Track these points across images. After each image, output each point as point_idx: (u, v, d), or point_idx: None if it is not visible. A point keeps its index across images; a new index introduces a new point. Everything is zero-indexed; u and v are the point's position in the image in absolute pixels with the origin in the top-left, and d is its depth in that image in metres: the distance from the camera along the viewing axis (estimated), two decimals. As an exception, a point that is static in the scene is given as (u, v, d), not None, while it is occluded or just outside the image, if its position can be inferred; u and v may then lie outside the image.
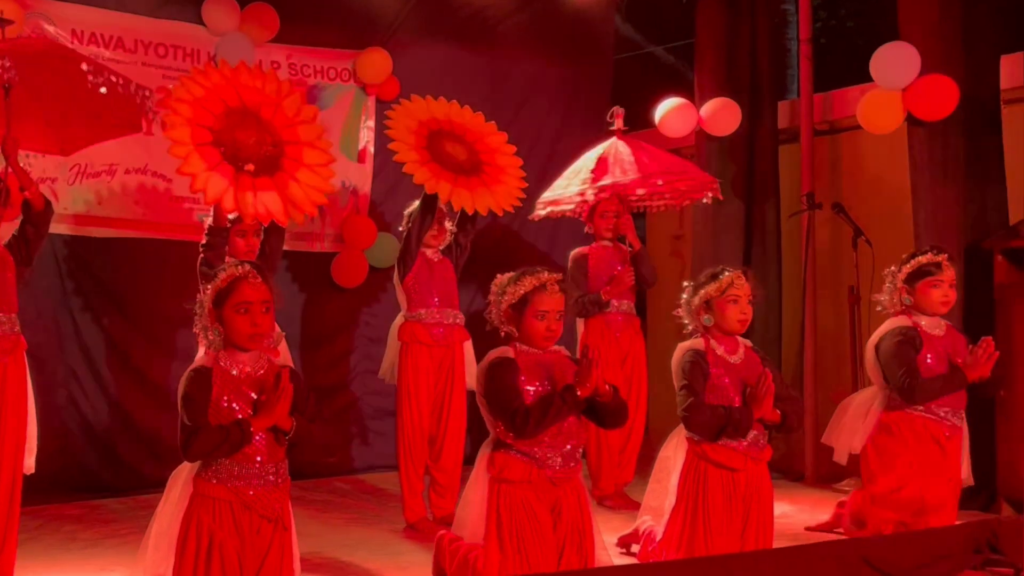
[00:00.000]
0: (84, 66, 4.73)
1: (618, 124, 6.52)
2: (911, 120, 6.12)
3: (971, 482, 5.24)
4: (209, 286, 3.78)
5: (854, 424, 5.20)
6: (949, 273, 5.09)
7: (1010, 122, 6.25)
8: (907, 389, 4.93)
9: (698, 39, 7.63)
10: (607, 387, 4.14)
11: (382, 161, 7.17)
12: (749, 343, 4.76)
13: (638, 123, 7.19)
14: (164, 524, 3.82)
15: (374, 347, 6.60)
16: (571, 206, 6.42)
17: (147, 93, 4.31)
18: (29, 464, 4.76)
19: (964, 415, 5.13)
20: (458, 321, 5.88)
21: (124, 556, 5.17)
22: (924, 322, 5.10)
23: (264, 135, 5.24)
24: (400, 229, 5.91)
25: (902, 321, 5.11)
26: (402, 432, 5.79)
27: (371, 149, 7.47)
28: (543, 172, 7.00)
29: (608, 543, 5.23)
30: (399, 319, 5.94)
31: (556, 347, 4.33)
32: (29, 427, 4.73)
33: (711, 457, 4.54)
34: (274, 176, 5.15)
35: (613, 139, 6.46)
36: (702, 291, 4.64)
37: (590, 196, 6.29)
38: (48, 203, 4.85)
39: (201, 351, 3.96)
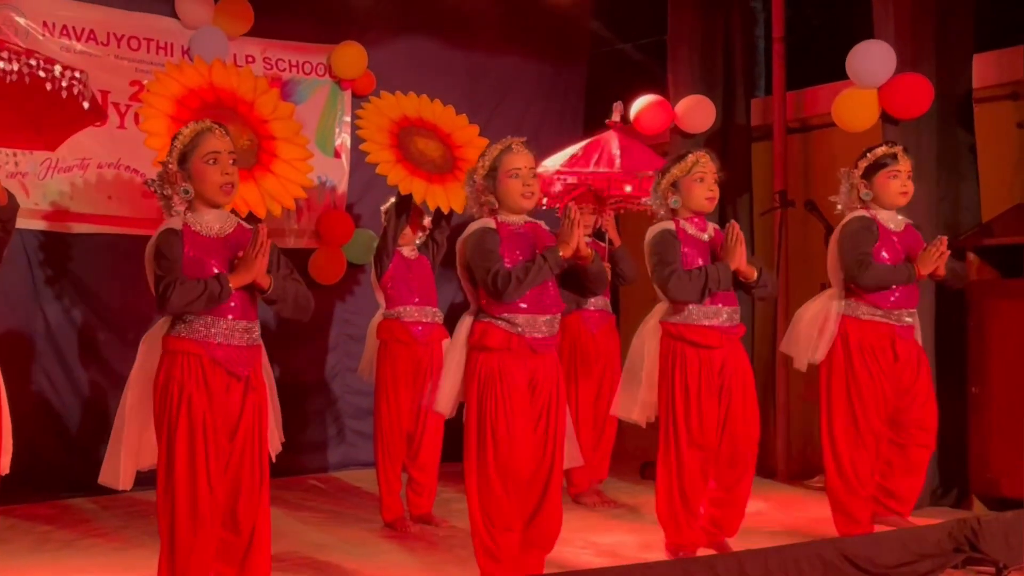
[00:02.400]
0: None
1: (615, 117, 6.57)
2: (885, 118, 6.15)
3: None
4: (173, 146, 3.79)
5: (810, 331, 5.22)
6: (906, 164, 5.12)
7: (983, 120, 6.30)
8: (859, 265, 4.97)
9: (671, 36, 7.63)
10: (588, 249, 4.20)
11: (359, 156, 7.09)
12: (717, 226, 4.86)
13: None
14: (137, 392, 3.86)
15: (354, 345, 6.58)
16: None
17: (77, 74, 4.19)
18: (3, 464, 4.68)
19: (916, 313, 5.18)
20: (437, 319, 5.86)
21: (99, 557, 5.14)
22: (882, 215, 5.14)
23: (241, 129, 5.25)
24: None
25: (860, 212, 5.15)
26: (379, 430, 5.77)
27: (347, 144, 7.44)
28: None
29: (585, 542, 5.28)
30: (377, 317, 5.92)
31: (535, 220, 4.37)
32: (3, 426, 4.66)
33: (687, 337, 4.67)
34: (251, 169, 5.18)
35: (609, 131, 6.47)
36: (668, 173, 4.77)
37: (557, 187, 6.30)
38: (12, 197, 4.75)
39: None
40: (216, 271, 3.71)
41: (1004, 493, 5.71)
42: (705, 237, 4.76)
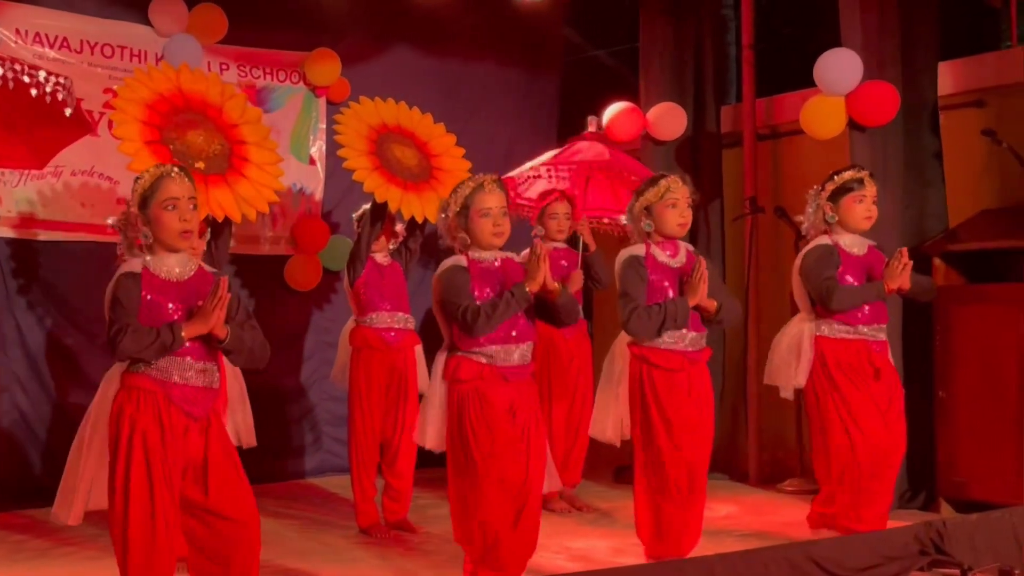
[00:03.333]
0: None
1: (591, 128, 6.71)
2: (852, 125, 6.23)
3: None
4: (134, 189, 3.78)
5: (788, 358, 5.26)
6: (871, 189, 5.17)
7: (949, 128, 6.39)
8: (827, 292, 5.01)
9: (643, 44, 7.69)
10: (555, 284, 4.28)
11: (334, 163, 7.15)
12: (691, 247, 4.91)
13: (584, 127, 7.24)
14: (94, 427, 3.82)
15: (331, 351, 6.60)
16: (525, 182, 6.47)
17: (62, 80, 4.18)
18: None
19: (886, 329, 5.23)
20: (409, 325, 5.89)
21: (75, 567, 5.14)
22: (845, 240, 5.19)
23: (212, 135, 5.27)
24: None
25: (822, 240, 5.21)
26: (354, 437, 5.79)
27: (323, 151, 7.46)
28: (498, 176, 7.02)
29: (559, 547, 5.32)
30: (350, 323, 5.95)
31: (507, 254, 4.44)
32: None
33: (651, 360, 4.72)
34: (225, 174, 5.19)
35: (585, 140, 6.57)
36: (641, 197, 4.81)
37: (531, 191, 6.36)
38: None
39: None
40: (173, 318, 3.69)
41: (971, 496, 5.80)
42: (675, 264, 4.78)
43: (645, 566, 4.49)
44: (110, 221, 3.96)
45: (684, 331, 4.72)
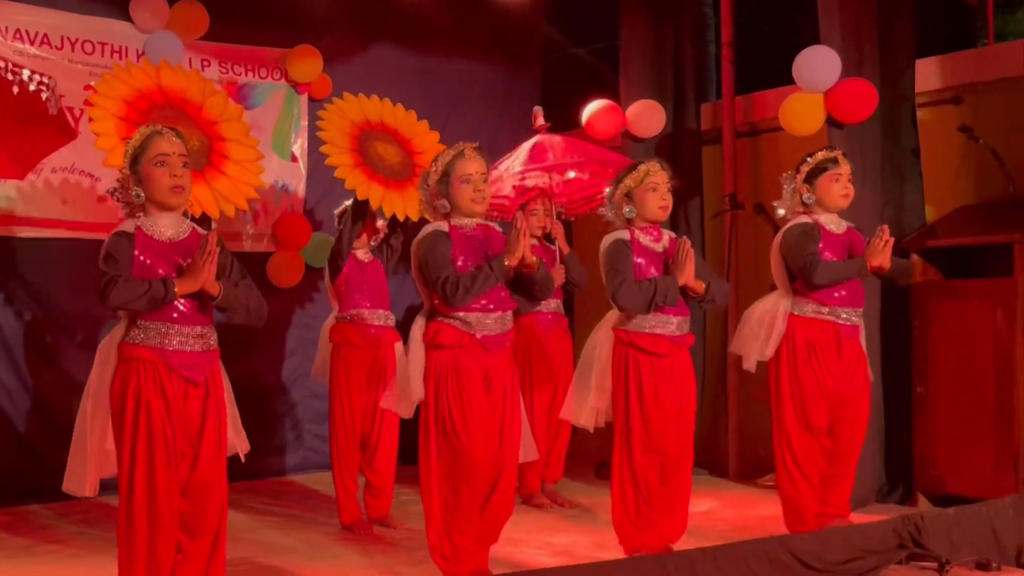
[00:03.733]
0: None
1: (540, 122, 6.48)
2: (831, 122, 6.26)
3: (871, 378, 5.36)
4: (126, 151, 3.84)
5: (758, 330, 5.30)
6: (846, 167, 5.21)
7: (926, 124, 6.43)
8: (810, 267, 5.03)
9: (622, 42, 7.71)
10: (533, 259, 4.34)
11: (316, 160, 7.12)
12: (672, 233, 4.93)
13: (565, 124, 7.27)
14: (95, 399, 3.87)
15: (313, 348, 6.58)
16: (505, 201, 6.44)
17: (46, 79, 4.17)
18: None
19: (861, 314, 5.26)
20: (389, 322, 5.90)
21: (56, 564, 5.13)
22: (824, 219, 5.23)
23: (191, 131, 5.25)
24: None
25: (802, 219, 5.24)
26: (334, 434, 5.81)
27: (304, 148, 7.46)
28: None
29: (540, 542, 5.35)
30: (330, 320, 5.96)
31: (489, 222, 4.49)
32: None
33: (638, 344, 4.75)
34: (203, 170, 5.17)
35: (539, 136, 6.45)
36: (621, 184, 4.83)
37: (507, 188, 6.32)
38: None
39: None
40: (164, 275, 3.74)
41: (948, 490, 5.85)
42: (659, 248, 4.82)
43: (627, 560, 4.51)
44: (108, 191, 3.98)
45: (669, 316, 4.75)
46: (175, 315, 3.77)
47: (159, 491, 3.72)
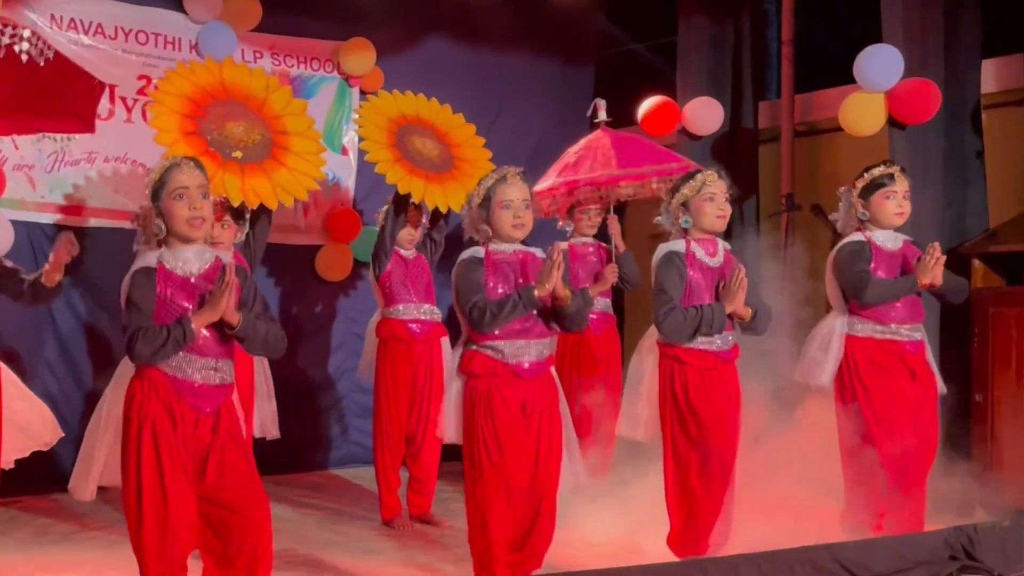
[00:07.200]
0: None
1: (601, 116, 6.38)
2: (892, 123, 6.13)
3: (944, 390, 5.21)
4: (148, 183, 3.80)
5: (819, 355, 5.17)
6: (903, 184, 5.06)
7: (991, 126, 6.27)
8: (859, 285, 4.92)
9: (680, 38, 7.63)
10: (565, 292, 4.22)
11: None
12: (728, 246, 4.81)
13: (621, 121, 7.17)
14: (111, 408, 3.87)
15: (360, 342, 6.55)
16: (548, 199, 6.35)
17: (25, 34, 4.19)
18: (8, 459, 4.76)
19: (923, 329, 5.12)
20: (435, 317, 5.86)
21: (97, 550, 5.19)
22: (878, 236, 5.09)
23: (253, 125, 5.32)
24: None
25: (854, 236, 5.12)
26: (379, 429, 5.78)
27: (355, 141, 7.43)
28: (528, 168, 6.94)
29: (577, 542, 5.26)
30: (376, 316, 5.93)
31: (530, 249, 4.41)
32: (6, 424, 4.71)
33: (683, 359, 4.64)
34: (263, 163, 5.24)
35: (598, 132, 6.37)
36: (678, 193, 4.72)
37: (559, 186, 6.22)
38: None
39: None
40: (183, 314, 3.68)
41: (1007, 501, 5.68)
42: (714, 263, 4.68)
43: (670, 564, 4.42)
44: (130, 220, 3.98)
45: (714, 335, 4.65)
46: (191, 345, 3.72)
47: (169, 502, 3.64)
